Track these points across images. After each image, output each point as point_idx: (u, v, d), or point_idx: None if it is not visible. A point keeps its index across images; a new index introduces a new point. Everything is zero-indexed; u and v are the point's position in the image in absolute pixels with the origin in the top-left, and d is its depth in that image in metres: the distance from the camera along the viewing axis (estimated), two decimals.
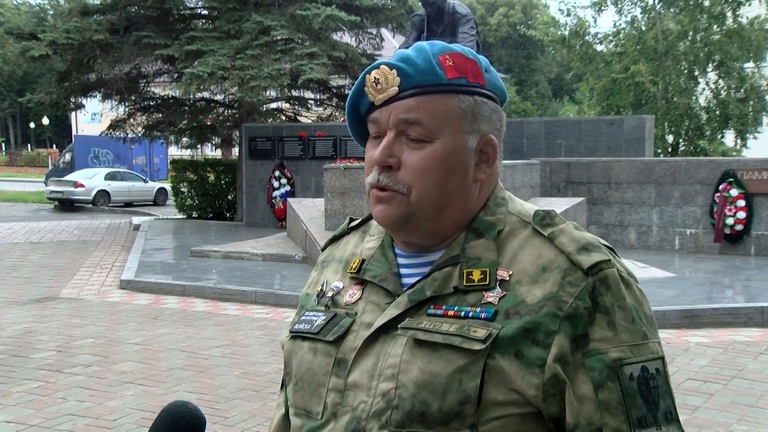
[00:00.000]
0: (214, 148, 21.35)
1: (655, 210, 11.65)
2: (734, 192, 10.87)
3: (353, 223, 1.27)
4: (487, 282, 1.03)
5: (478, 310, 1.02)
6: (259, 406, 4.92)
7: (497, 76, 1.15)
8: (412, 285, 1.08)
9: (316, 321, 1.14)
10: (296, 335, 1.16)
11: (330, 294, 1.16)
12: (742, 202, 10.84)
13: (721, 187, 10.99)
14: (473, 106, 1.08)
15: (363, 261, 1.15)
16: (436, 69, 1.06)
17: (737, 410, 4.81)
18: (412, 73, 1.06)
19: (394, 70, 1.07)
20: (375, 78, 1.08)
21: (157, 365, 5.89)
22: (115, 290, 9.19)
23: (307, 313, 1.17)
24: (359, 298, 1.12)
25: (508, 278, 1.03)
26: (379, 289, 1.11)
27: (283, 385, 1.24)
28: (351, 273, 1.16)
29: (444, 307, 1.04)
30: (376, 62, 1.10)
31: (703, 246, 11.27)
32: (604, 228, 11.87)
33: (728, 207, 10.91)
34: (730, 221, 10.92)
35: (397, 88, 1.06)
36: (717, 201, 11.00)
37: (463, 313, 1.02)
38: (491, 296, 1.02)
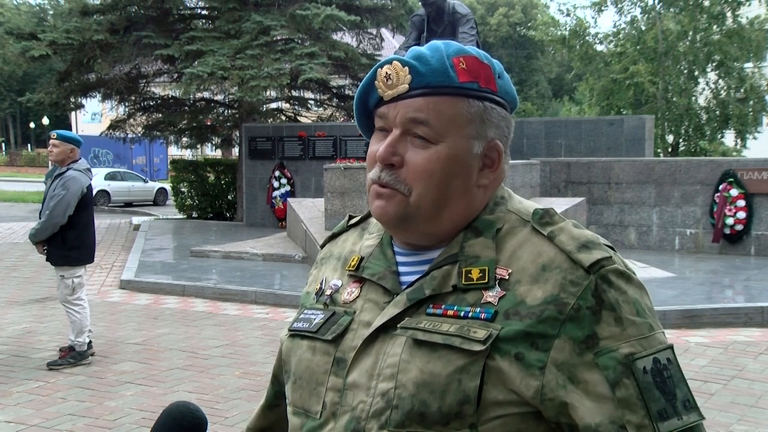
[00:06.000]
0: (214, 148, 21.35)
1: (655, 210, 11.64)
2: (734, 192, 10.87)
3: (353, 221, 1.26)
4: (486, 280, 1.02)
5: (478, 310, 1.01)
6: None
7: (510, 82, 1.14)
8: (411, 284, 1.07)
9: (314, 319, 1.13)
10: (295, 333, 1.15)
11: (329, 292, 1.16)
12: (742, 202, 10.84)
13: (721, 187, 10.98)
14: (482, 111, 1.07)
15: (362, 259, 1.15)
16: (449, 71, 1.05)
17: (737, 410, 4.81)
18: (424, 72, 1.05)
19: (407, 68, 1.05)
20: (386, 73, 1.07)
21: (157, 365, 5.89)
22: (115, 290, 9.19)
23: (305, 311, 1.17)
24: (357, 296, 1.11)
25: (507, 277, 1.02)
26: (378, 288, 1.10)
27: (272, 380, 1.28)
28: (349, 271, 1.15)
29: (443, 306, 1.03)
30: (389, 57, 1.09)
31: (703, 246, 11.26)
32: (604, 228, 11.87)
33: (728, 207, 10.91)
34: (730, 221, 10.92)
35: (407, 85, 1.05)
36: (717, 201, 11.00)
37: (462, 313, 1.01)
38: (491, 296, 1.01)
